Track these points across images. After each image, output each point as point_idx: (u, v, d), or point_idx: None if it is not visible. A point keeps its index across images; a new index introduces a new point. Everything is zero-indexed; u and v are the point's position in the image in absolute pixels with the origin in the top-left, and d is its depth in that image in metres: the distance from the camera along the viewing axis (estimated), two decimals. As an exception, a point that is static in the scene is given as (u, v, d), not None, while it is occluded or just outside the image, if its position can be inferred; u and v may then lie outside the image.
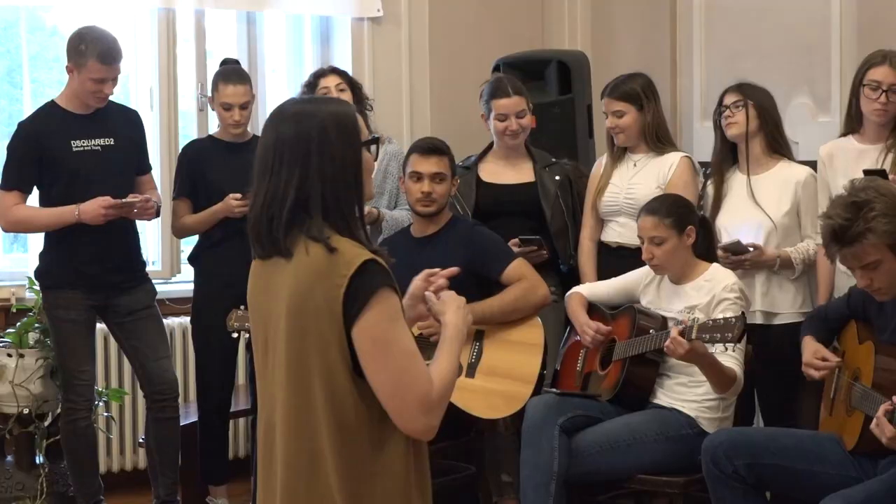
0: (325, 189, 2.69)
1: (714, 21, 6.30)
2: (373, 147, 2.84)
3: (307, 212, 2.69)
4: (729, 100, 4.94)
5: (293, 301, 2.68)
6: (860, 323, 4.07)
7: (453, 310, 2.86)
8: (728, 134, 4.95)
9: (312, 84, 5.50)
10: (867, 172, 4.36)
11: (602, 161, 5.30)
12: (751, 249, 4.78)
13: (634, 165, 5.18)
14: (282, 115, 2.76)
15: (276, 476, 2.76)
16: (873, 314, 4.00)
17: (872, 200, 3.69)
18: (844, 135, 4.84)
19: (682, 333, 4.14)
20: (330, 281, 2.64)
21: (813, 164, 5.03)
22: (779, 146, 4.97)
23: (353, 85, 5.56)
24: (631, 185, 5.13)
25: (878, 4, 5.63)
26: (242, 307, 4.89)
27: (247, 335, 4.93)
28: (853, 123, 4.80)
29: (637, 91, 5.16)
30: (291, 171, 2.69)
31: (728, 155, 5.03)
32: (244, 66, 6.08)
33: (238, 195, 5.26)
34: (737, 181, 5.00)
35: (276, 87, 6.63)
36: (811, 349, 4.10)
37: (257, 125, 6.04)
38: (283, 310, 2.71)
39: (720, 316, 4.22)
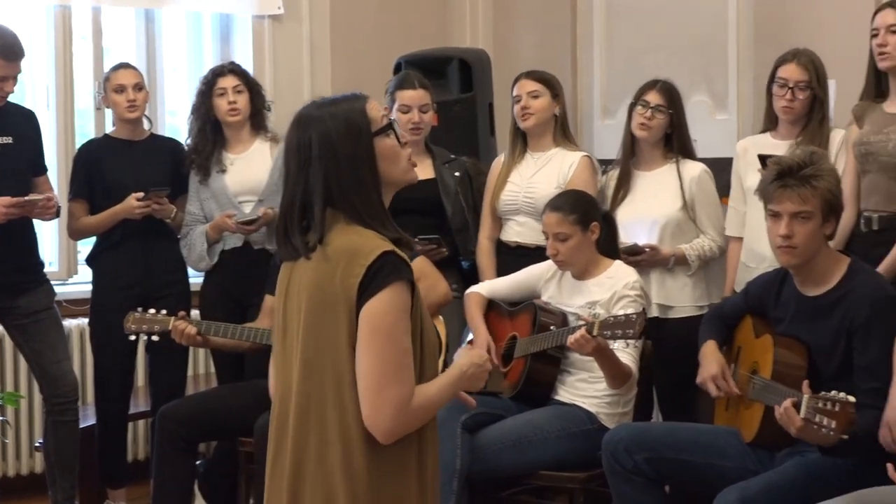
0: (337, 187, 2.74)
1: (614, 20, 6.35)
2: (391, 132, 2.84)
3: (322, 210, 2.75)
4: (653, 100, 4.97)
5: (312, 293, 2.75)
6: (756, 317, 4.11)
7: (468, 356, 2.91)
8: (639, 134, 4.99)
9: (211, 82, 5.44)
10: (762, 157, 4.44)
11: (501, 160, 5.30)
12: (647, 250, 4.83)
13: (535, 162, 5.19)
14: (297, 121, 2.83)
15: (283, 471, 2.79)
16: (770, 307, 4.05)
17: (826, 160, 3.89)
18: (763, 132, 4.92)
19: (587, 330, 4.15)
20: (348, 271, 2.70)
21: (711, 162, 5.09)
22: (683, 147, 5.03)
23: (252, 86, 5.50)
24: (531, 183, 5.13)
25: (773, 4, 5.72)
26: (141, 309, 4.84)
27: (145, 337, 4.87)
28: (769, 121, 4.88)
29: (552, 79, 5.19)
30: (299, 177, 2.77)
31: (630, 151, 5.07)
32: (142, 63, 6.02)
33: (140, 194, 5.19)
34: (637, 177, 5.05)
35: (176, 84, 6.56)
36: (717, 362, 4.10)
37: (157, 124, 5.99)
38: (303, 304, 2.77)
39: (621, 313, 4.25)
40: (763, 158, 4.39)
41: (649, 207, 4.98)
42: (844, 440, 3.43)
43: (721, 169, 5.10)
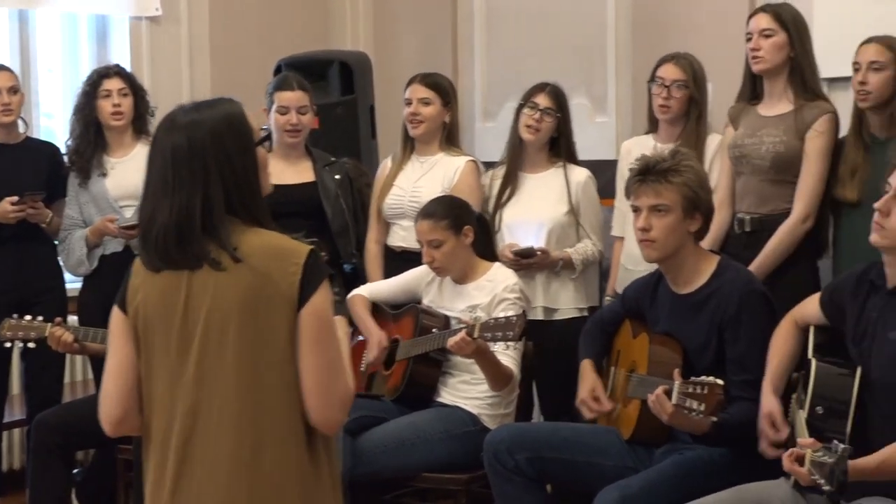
0: (233, 196, 2.69)
1: (495, 23, 6.38)
2: (265, 143, 2.83)
3: (222, 216, 2.68)
4: (542, 102, 4.99)
5: (244, 299, 2.67)
6: (633, 320, 4.16)
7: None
8: (526, 136, 5.01)
9: (95, 83, 5.34)
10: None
11: (387, 163, 5.29)
12: (539, 253, 4.86)
13: (421, 167, 5.19)
14: (174, 125, 2.74)
15: (195, 479, 2.71)
16: (646, 308, 4.10)
17: (689, 159, 3.93)
18: (647, 133, 4.99)
19: (467, 333, 4.16)
20: (283, 269, 2.66)
21: (591, 164, 5.14)
22: (569, 151, 5.07)
23: (137, 90, 5.42)
24: (416, 187, 5.12)
25: (651, 8, 5.79)
26: (16, 315, 4.74)
27: (20, 344, 4.77)
28: (651, 123, 4.95)
29: (446, 86, 5.19)
30: (195, 186, 2.68)
31: (516, 153, 5.09)
32: (16, 65, 5.89)
33: (15, 198, 5.09)
34: (522, 179, 5.08)
35: (52, 86, 6.44)
36: (588, 384, 4.14)
37: (32, 126, 5.87)
38: (230, 312, 2.68)
39: (501, 315, 4.26)
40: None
41: (536, 210, 5.00)
42: (716, 425, 3.50)
43: (600, 171, 5.15)
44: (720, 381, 3.48)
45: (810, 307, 3.74)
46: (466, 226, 4.56)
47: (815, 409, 3.44)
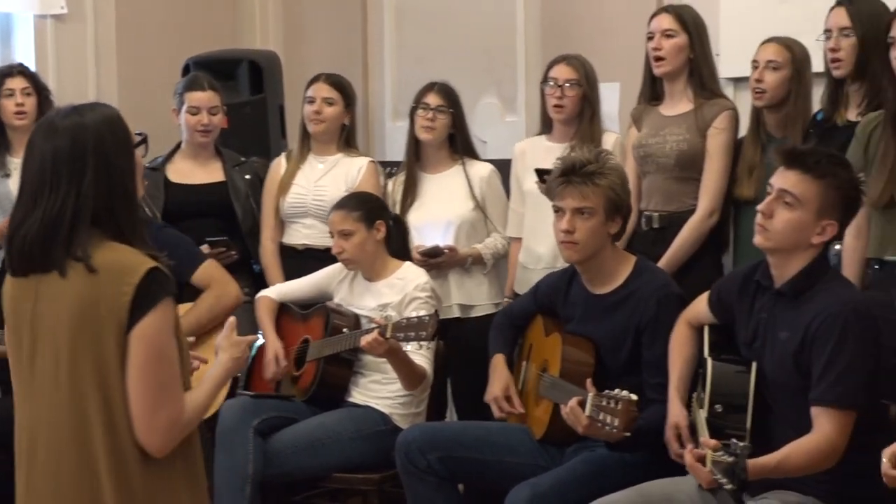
0: (105, 200, 2.67)
1: (404, 22, 6.38)
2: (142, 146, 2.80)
3: (87, 225, 2.65)
4: (433, 101, 5.00)
5: (76, 313, 2.64)
6: (546, 316, 4.18)
7: (227, 353, 2.91)
8: (423, 137, 5.02)
9: None
10: (539, 171, 4.52)
11: (281, 161, 5.27)
12: (446, 252, 4.87)
13: (321, 167, 5.19)
14: (53, 128, 2.71)
15: (38, 494, 2.71)
16: (559, 304, 4.12)
17: (613, 160, 4.01)
18: (539, 134, 5.00)
19: (380, 333, 4.16)
20: (116, 289, 2.62)
21: (502, 163, 5.16)
22: (467, 147, 5.08)
23: (41, 89, 5.35)
24: (318, 186, 5.13)
25: (559, 8, 5.82)
26: None
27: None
28: (544, 124, 4.96)
29: (349, 88, 5.21)
30: (70, 187, 2.66)
31: (415, 153, 5.09)
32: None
33: None
34: (424, 180, 5.09)
35: (-46, 86, 6.32)
36: (501, 382, 4.16)
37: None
38: (62, 324, 2.66)
39: (413, 314, 4.26)
40: (540, 172, 4.48)
41: (442, 209, 5.02)
42: (627, 437, 3.51)
43: (510, 170, 5.16)
44: (634, 397, 3.47)
45: (700, 307, 3.77)
46: (379, 220, 4.57)
47: (715, 408, 3.47)
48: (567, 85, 4.80)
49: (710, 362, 3.57)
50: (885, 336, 3.58)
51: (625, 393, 3.48)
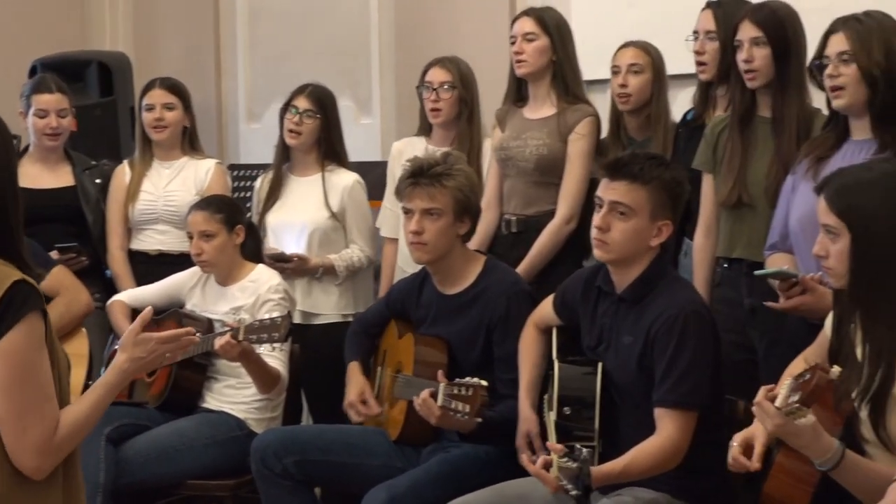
0: None
1: (258, 23, 6.34)
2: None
3: None
4: (302, 105, 4.96)
5: None
6: (399, 320, 4.18)
7: (129, 353, 2.73)
8: (289, 140, 4.99)
9: None
10: None
11: (124, 169, 5.18)
12: (295, 259, 4.84)
13: (167, 171, 5.13)
14: None
15: None
16: (412, 308, 4.13)
17: (461, 162, 4.01)
18: (419, 135, 5.00)
19: (232, 335, 4.12)
20: None
21: (357, 166, 5.14)
22: (334, 153, 5.05)
23: None
24: (168, 192, 5.08)
25: (414, 11, 5.83)
26: None
27: None
28: (424, 127, 4.97)
29: (186, 91, 5.14)
30: None
31: (285, 154, 5.06)
32: None
33: None
34: (290, 182, 5.05)
35: None
36: (357, 387, 4.15)
37: None
38: None
39: (266, 316, 4.23)
40: None
41: (299, 214, 4.98)
42: (482, 424, 3.54)
43: (366, 172, 5.15)
44: (484, 383, 3.52)
45: (547, 310, 3.81)
46: (239, 225, 4.55)
47: (563, 410, 3.51)
48: (442, 88, 4.80)
49: (557, 365, 3.61)
50: (731, 333, 3.67)
51: (475, 380, 3.54)
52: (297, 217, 4.98)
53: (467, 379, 3.56)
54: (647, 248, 3.46)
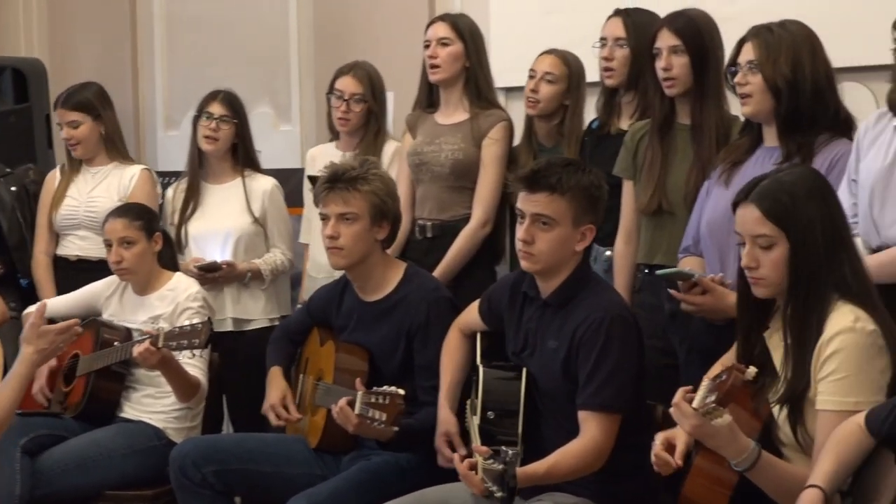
0: None
1: (176, 30, 6.29)
2: None
3: None
4: (217, 111, 4.94)
5: None
6: (321, 328, 4.17)
7: (34, 345, 2.89)
8: (205, 147, 4.96)
9: None
10: (311, 178, 4.51)
11: (56, 175, 5.15)
12: (224, 267, 4.82)
13: (93, 177, 5.09)
14: None
15: None
16: (333, 315, 4.12)
17: (377, 167, 4.00)
18: (330, 141, 5.00)
19: (152, 343, 4.08)
20: None
21: (276, 172, 5.14)
22: (249, 159, 5.03)
23: None
24: (91, 198, 5.04)
25: (333, 17, 5.83)
26: None
27: None
28: (332, 131, 4.96)
29: (91, 100, 5.07)
30: None
31: (198, 162, 5.03)
32: None
33: None
34: (207, 190, 5.02)
35: None
36: (278, 392, 4.12)
37: None
38: None
39: (186, 323, 4.20)
40: (312, 179, 4.48)
41: (222, 221, 4.96)
42: (400, 432, 3.54)
43: (286, 179, 5.15)
44: (401, 391, 3.52)
45: (472, 315, 3.83)
46: (157, 232, 4.52)
47: (487, 415, 3.52)
48: (353, 100, 4.80)
49: (481, 369, 3.61)
50: (652, 338, 3.70)
51: (392, 388, 3.53)
52: (220, 225, 4.95)
53: (385, 387, 3.56)
54: (572, 253, 3.48)
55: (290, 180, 5.19)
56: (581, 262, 3.54)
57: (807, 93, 3.48)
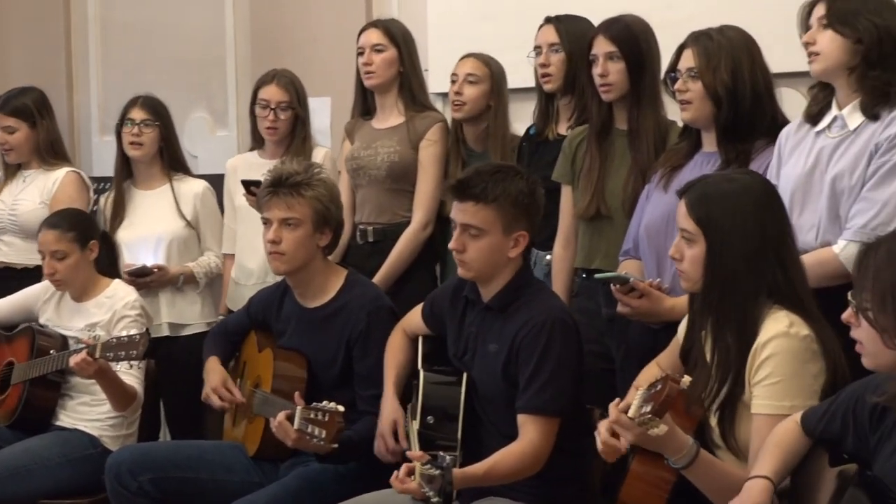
0: None
1: (110, 35, 6.25)
2: None
3: None
4: (137, 116, 4.92)
5: None
6: (259, 332, 4.15)
7: None
8: (131, 153, 4.94)
9: None
10: (245, 183, 4.49)
11: None
12: (155, 271, 4.78)
13: (23, 181, 5.08)
14: None
15: None
16: (272, 319, 4.10)
17: (322, 173, 3.98)
18: (252, 149, 4.96)
19: (89, 353, 4.04)
20: None
21: (213, 178, 5.11)
22: (177, 161, 5.00)
23: None
24: (16, 202, 5.04)
25: (269, 22, 5.81)
26: None
27: None
28: (256, 140, 4.93)
29: (29, 106, 5.03)
30: None
31: (126, 169, 4.99)
32: None
33: None
34: (136, 196, 5.00)
35: None
36: (218, 376, 4.10)
37: None
38: None
39: (123, 333, 4.17)
40: (247, 184, 4.46)
41: (153, 226, 4.94)
42: (339, 447, 3.52)
43: (222, 184, 5.10)
44: (340, 408, 3.49)
45: (415, 318, 3.83)
46: (92, 240, 4.47)
47: (427, 420, 3.52)
48: (279, 108, 4.78)
49: (422, 374, 3.62)
50: (589, 342, 3.72)
51: (332, 405, 3.50)
52: (151, 230, 4.93)
53: (325, 403, 3.52)
54: (506, 260, 3.48)
55: (226, 185, 5.15)
56: (522, 266, 3.54)
57: (746, 100, 3.50)
